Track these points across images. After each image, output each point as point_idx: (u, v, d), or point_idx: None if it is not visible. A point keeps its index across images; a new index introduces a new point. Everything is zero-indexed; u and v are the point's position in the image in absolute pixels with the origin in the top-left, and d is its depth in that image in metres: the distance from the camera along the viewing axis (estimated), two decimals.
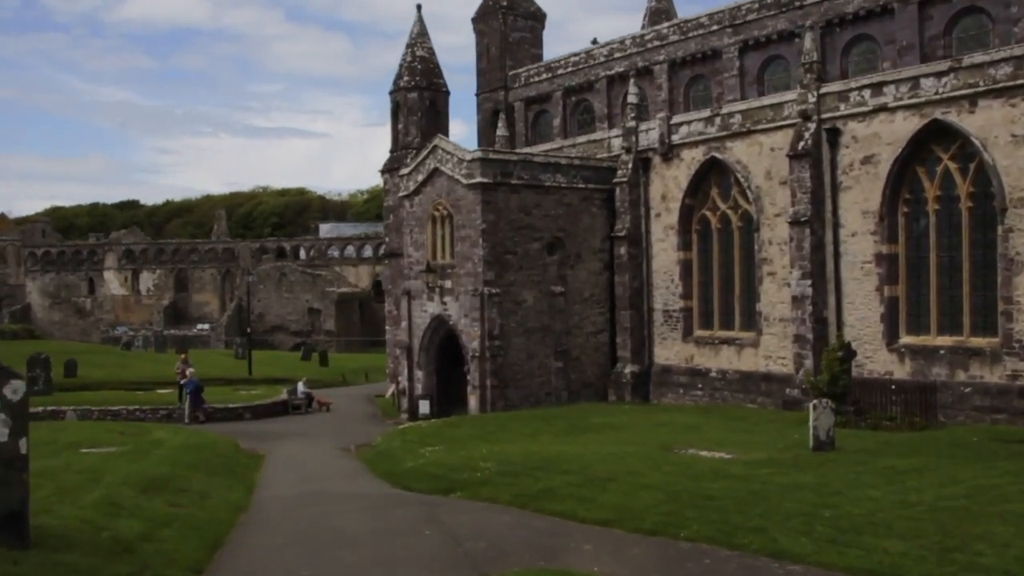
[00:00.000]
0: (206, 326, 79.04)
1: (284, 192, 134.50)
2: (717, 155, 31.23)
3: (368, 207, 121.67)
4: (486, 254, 31.48)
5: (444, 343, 34.48)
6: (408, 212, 35.64)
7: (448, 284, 33.19)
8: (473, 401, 31.68)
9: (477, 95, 49.10)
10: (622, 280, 33.91)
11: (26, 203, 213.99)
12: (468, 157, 31.85)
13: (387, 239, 44.79)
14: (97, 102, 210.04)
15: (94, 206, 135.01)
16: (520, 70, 46.84)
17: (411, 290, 35.29)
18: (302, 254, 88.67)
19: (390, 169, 44.15)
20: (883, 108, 26.68)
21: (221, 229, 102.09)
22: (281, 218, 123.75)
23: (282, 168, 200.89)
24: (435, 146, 33.69)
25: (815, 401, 18.32)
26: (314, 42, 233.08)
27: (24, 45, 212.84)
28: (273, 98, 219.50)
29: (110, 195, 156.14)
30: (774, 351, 29.87)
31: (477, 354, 31.38)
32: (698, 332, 32.72)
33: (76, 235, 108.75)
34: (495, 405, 31.31)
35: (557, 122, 44.93)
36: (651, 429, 22.90)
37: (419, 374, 34.98)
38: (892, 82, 26.53)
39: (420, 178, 34.48)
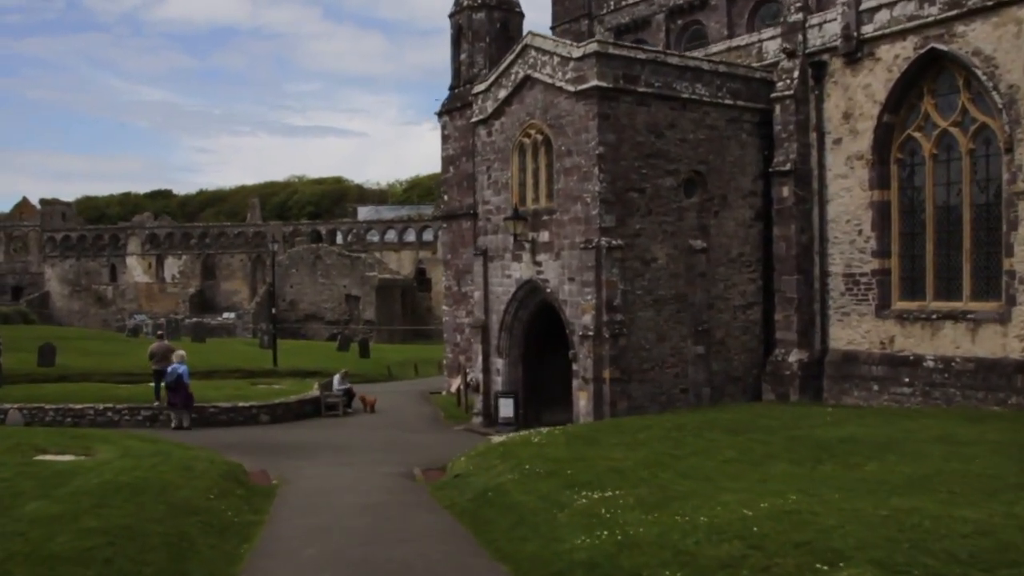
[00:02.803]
0: (232, 314, 69.22)
1: (320, 181, 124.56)
2: (939, 46, 20.71)
3: (408, 195, 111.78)
4: (603, 191, 21.19)
5: (534, 320, 24.25)
6: (484, 143, 25.38)
7: (544, 237, 22.92)
8: (583, 400, 21.39)
9: (552, 28, 38.77)
10: (784, 233, 23.46)
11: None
12: (577, 53, 21.56)
13: (445, 197, 34.66)
14: (137, 102, 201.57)
15: (125, 195, 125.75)
16: None
17: (488, 249, 25.03)
18: (339, 239, 78.63)
19: (450, 110, 34.02)
20: None
21: (255, 218, 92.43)
22: (317, 207, 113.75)
23: (319, 167, 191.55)
24: (526, 46, 23.41)
25: None
26: (350, 40, 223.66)
27: (66, 46, 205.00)
28: (310, 97, 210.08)
29: (144, 190, 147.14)
30: None
31: (590, 333, 21.08)
32: (901, 304, 22.20)
33: (105, 224, 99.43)
34: (615, 406, 21.02)
35: None
36: (951, 453, 12.44)
37: (498, 363, 24.73)
38: None
39: (503, 94, 24.24)
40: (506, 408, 24.16)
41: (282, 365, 37.42)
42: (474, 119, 25.89)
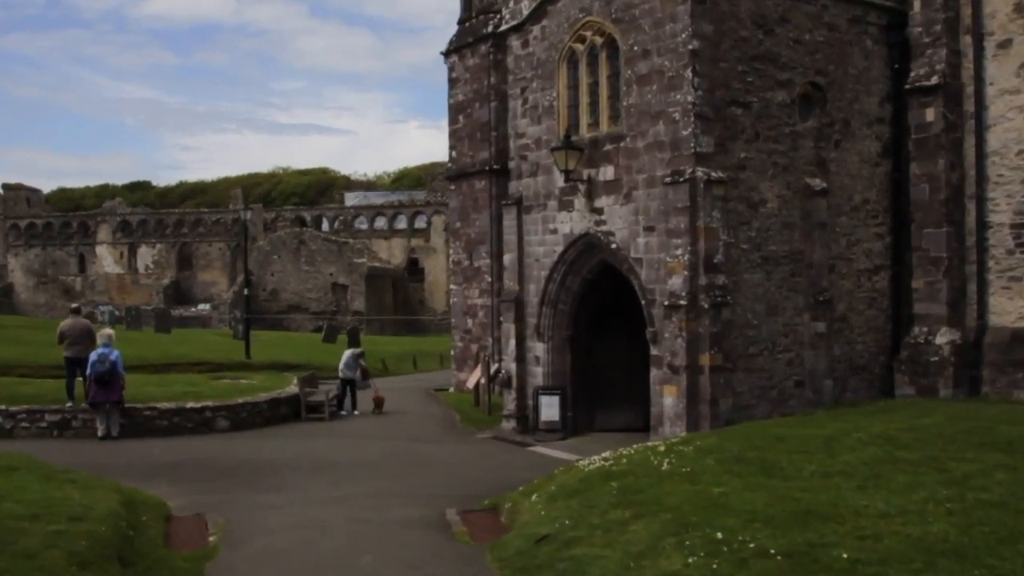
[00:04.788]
0: (207, 306, 62.19)
1: (306, 172, 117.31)
2: None
3: (398, 185, 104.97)
4: (699, 101, 14.64)
5: (588, 289, 17.68)
6: (517, 57, 18.75)
7: (606, 173, 16.33)
8: (670, 398, 14.78)
9: None
10: (928, 170, 16.97)
11: None
12: None
13: (453, 153, 27.99)
14: (121, 99, 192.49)
15: (102, 187, 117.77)
16: None
17: (524, 197, 18.43)
18: (325, 226, 71.64)
19: (459, 48, 27.32)
20: None
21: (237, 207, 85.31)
22: (302, 198, 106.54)
23: (305, 164, 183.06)
24: None
25: None
26: (337, 37, 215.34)
27: (49, 42, 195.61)
28: (296, 94, 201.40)
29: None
30: None
31: (682, 302, 14.51)
32: None
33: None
34: (716, 406, 14.47)
35: None
36: None
37: (538, 348, 18.13)
38: None
39: None
40: (549, 409, 17.60)
41: (257, 358, 30.68)
42: (503, 27, 19.31)
